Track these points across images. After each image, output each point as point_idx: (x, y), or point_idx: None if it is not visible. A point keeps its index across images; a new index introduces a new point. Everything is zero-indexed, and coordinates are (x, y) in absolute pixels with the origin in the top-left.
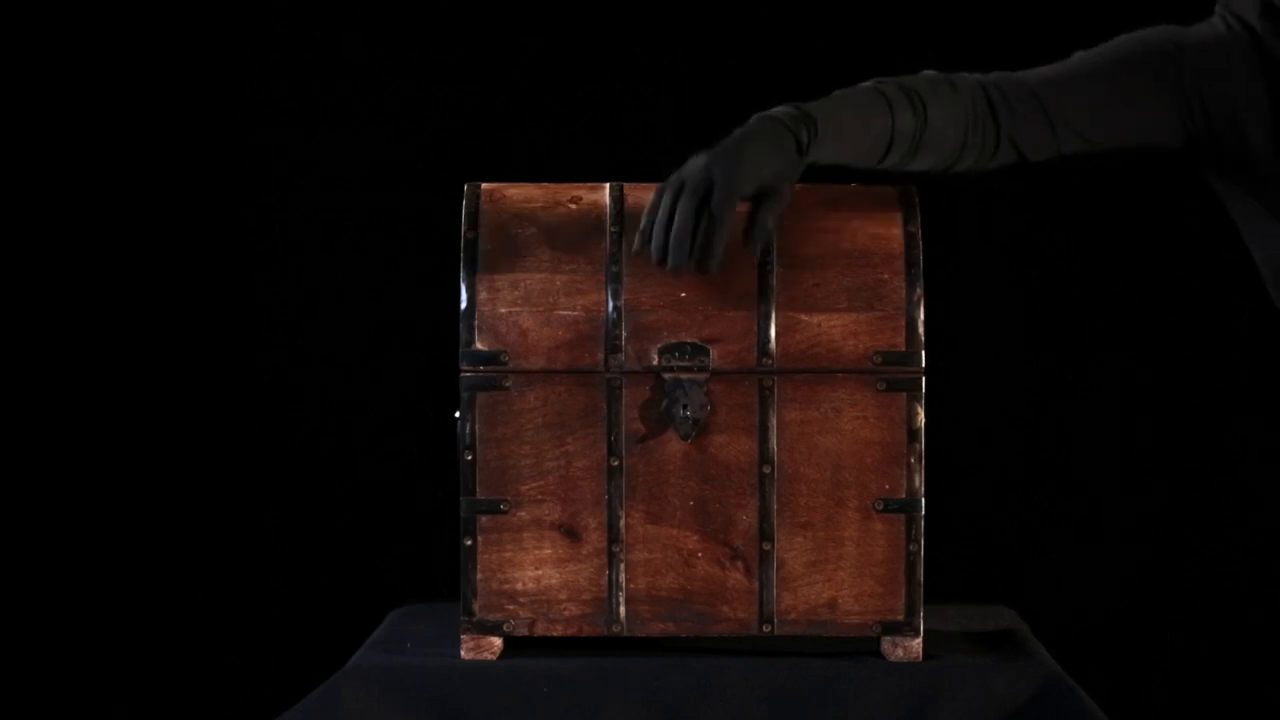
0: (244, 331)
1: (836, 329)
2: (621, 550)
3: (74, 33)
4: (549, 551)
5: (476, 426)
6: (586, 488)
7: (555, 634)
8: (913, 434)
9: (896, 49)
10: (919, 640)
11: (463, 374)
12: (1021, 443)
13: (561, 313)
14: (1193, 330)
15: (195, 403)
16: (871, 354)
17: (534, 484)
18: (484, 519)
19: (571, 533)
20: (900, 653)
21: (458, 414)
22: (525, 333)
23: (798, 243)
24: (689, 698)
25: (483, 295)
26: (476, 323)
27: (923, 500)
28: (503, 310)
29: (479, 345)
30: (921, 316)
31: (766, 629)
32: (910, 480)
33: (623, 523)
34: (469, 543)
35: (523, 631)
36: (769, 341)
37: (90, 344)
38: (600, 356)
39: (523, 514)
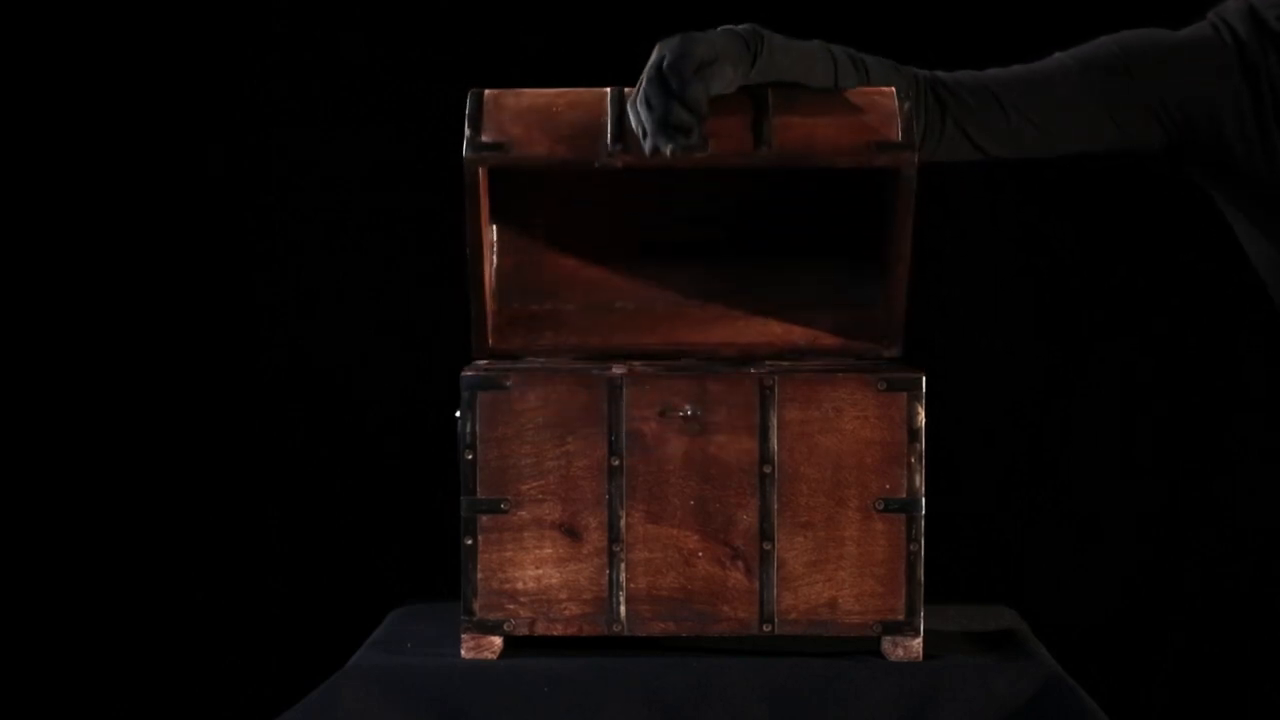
0: (244, 331)
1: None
2: (622, 550)
3: (74, 32)
4: (549, 551)
5: (477, 426)
6: (587, 487)
7: (555, 633)
8: (913, 434)
9: (896, 48)
10: (919, 640)
11: (464, 374)
12: (1022, 442)
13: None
14: (1193, 331)
15: (195, 403)
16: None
17: (534, 483)
18: (484, 518)
19: (572, 532)
20: (900, 652)
21: (458, 414)
22: (529, 127)
23: None
24: (689, 697)
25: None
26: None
27: (923, 500)
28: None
29: (485, 138)
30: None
31: (767, 628)
32: (910, 480)
33: (623, 522)
34: (469, 542)
35: (523, 631)
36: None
37: (91, 345)
38: (603, 147)
39: (523, 513)
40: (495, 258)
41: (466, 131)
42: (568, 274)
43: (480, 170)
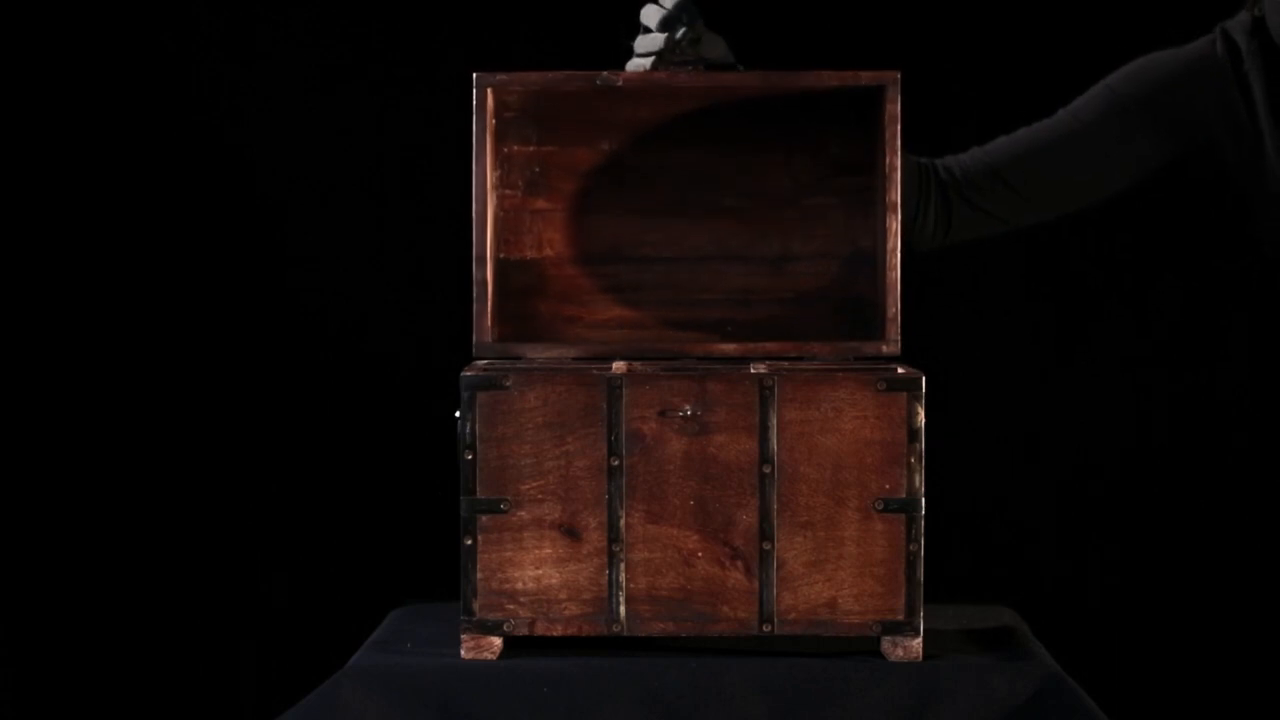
0: (245, 331)
1: None
2: (621, 550)
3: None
4: (549, 551)
5: (477, 426)
6: (587, 487)
7: (555, 634)
8: (913, 434)
9: (897, 52)
10: (919, 640)
11: (463, 373)
12: (1022, 443)
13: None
14: (1194, 330)
15: (196, 403)
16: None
17: (534, 483)
18: (484, 518)
19: (572, 532)
20: (900, 652)
21: (458, 413)
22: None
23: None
24: (688, 697)
25: None
26: None
27: (923, 500)
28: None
29: (493, 72)
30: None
31: (766, 629)
32: (910, 480)
33: (623, 522)
34: (469, 542)
35: (523, 631)
36: None
37: (90, 345)
38: (602, 74)
39: (523, 513)
40: (496, 261)
41: (476, 75)
42: (566, 286)
43: (488, 91)
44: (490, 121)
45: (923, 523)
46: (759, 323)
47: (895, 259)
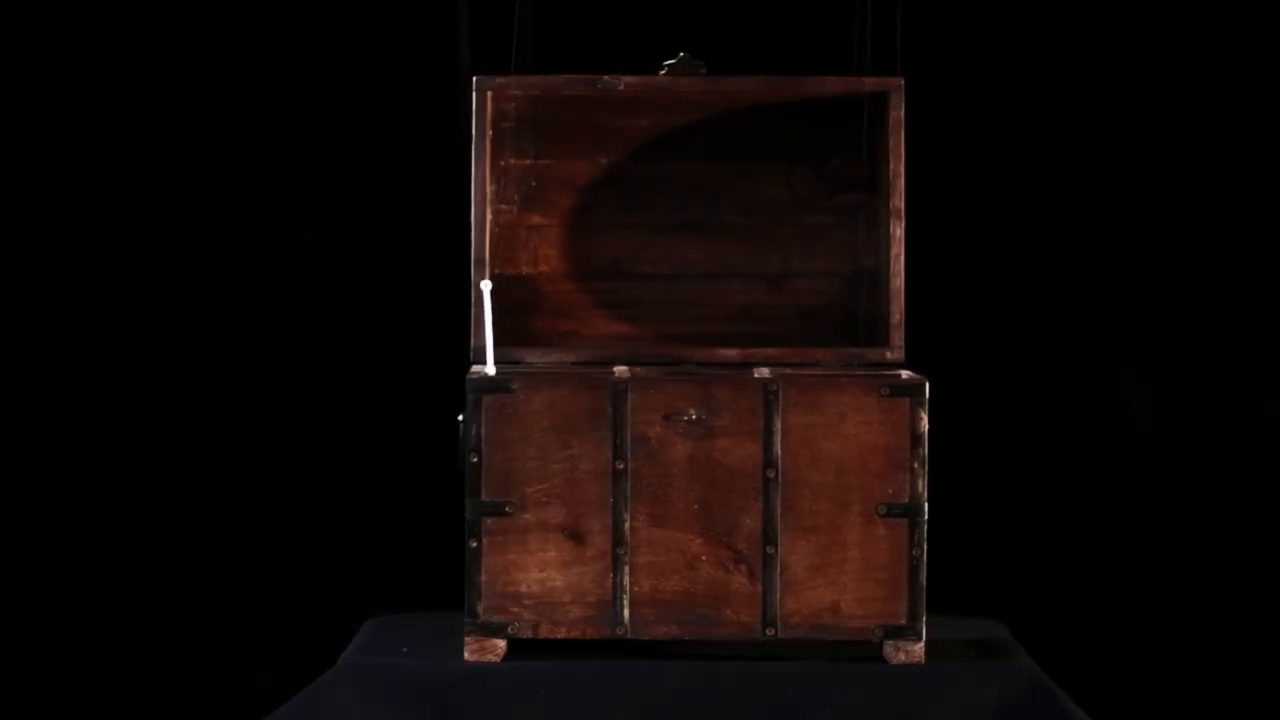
0: (243, 331)
1: None
2: (626, 553)
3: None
4: (553, 554)
5: (483, 429)
6: (591, 490)
7: (559, 636)
8: (916, 439)
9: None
10: (921, 645)
11: (469, 377)
12: (1020, 444)
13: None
14: (1194, 329)
15: (195, 404)
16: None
17: (539, 486)
18: (489, 521)
19: (576, 535)
20: (902, 656)
21: (461, 417)
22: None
23: None
24: (691, 700)
25: None
26: None
27: (926, 505)
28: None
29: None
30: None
31: (770, 632)
32: (914, 485)
33: (627, 525)
34: (474, 545)
35: (526, 634)
36: None
37: (87, 345)
38: (603, 78)
39: (528, 516)
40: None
41: (476, 78)
42: (562, 302)
43: (488, 95)
44: (488, 131)
45: (925, 528)
46: (760, 337)
47: (899, 265)
